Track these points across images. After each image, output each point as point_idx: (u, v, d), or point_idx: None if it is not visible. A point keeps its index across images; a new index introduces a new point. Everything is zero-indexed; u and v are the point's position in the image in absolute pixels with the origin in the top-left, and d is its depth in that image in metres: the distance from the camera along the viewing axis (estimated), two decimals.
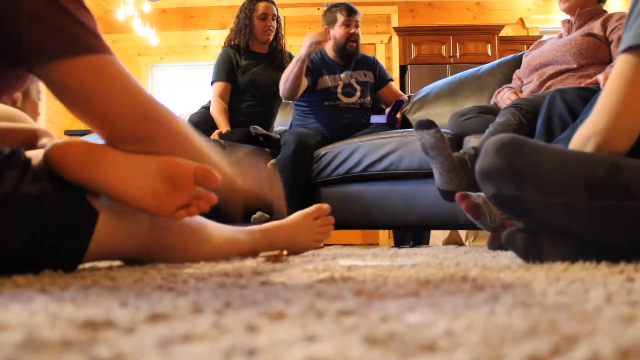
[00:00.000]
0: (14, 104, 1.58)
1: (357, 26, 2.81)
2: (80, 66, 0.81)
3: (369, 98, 2.88)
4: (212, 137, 2.69)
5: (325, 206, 1.45)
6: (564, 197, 0.88)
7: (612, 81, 0.91)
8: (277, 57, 3.04)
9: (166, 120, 0.91)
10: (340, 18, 2.79)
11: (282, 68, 3.03)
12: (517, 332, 0.35)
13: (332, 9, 2.84)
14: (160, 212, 0.88)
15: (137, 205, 0.86)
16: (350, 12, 2.79)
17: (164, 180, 0.87)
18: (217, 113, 2.87)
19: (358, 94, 2.82)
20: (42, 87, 1.76)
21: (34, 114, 1.66)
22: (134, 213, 0.92)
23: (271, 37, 2.98)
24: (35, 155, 0.83)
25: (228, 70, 2.94)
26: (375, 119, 2.77)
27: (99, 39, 0.84)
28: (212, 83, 2.99)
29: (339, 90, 2.79)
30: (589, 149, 0.92)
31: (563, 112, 1.61)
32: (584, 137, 0.94)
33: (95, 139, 0.91)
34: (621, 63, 0.91)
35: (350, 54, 2.84)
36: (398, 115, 2.81)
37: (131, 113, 0.85)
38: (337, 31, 2.80)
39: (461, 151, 1.89)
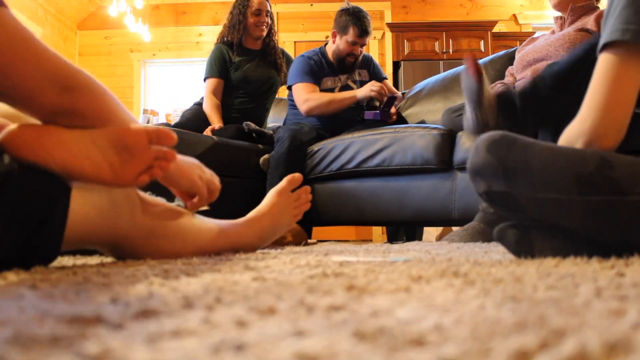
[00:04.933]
0: None
1: (362, 46, 2.78)
2: None
3: None
4: (205, 133, 2.68)
5: (297, 175, 1.38)
6: (554, 192, 0.88)
7: (595, 80, 0.93)
8: (269, 54, 3.03)
9: (90, 90, 0.83)
10: (352, 35, 2.71)
11: (275, 64, 3.03)
12: (505, 326, 0.36)
13: (349, 16, 2.73)
14: (120, 183, 0.84)
15: (96, 180, 0.82)
16: (363, 34, 2.72)
17: (117, 150, 0.83)
18: (210, 109, 2.86)
19: None
20: None
21: None
22: (109, 195, 0.89)
23: (264, 33, 2.97)
24: None
25: (221, 67, 2.93)
26: (369, 115, 2.75)
27: None
28: (204, 79, 2.98)
29: (336, 91, 2.80)
30: (578, 147, 0.93)
31: (547, 76, 1.60)
32: (572, 136, 0.94)
33: None
34: (601, 62, 0.93)
35: (346, 67, 2.84)
36: (392, 110, 2.79)
37: (51, 83, 0.77)
38: (343, 43, 2.75)
39: None
